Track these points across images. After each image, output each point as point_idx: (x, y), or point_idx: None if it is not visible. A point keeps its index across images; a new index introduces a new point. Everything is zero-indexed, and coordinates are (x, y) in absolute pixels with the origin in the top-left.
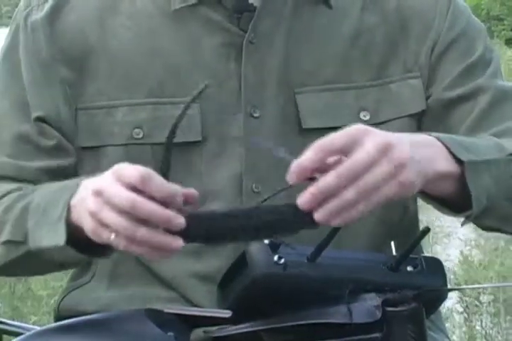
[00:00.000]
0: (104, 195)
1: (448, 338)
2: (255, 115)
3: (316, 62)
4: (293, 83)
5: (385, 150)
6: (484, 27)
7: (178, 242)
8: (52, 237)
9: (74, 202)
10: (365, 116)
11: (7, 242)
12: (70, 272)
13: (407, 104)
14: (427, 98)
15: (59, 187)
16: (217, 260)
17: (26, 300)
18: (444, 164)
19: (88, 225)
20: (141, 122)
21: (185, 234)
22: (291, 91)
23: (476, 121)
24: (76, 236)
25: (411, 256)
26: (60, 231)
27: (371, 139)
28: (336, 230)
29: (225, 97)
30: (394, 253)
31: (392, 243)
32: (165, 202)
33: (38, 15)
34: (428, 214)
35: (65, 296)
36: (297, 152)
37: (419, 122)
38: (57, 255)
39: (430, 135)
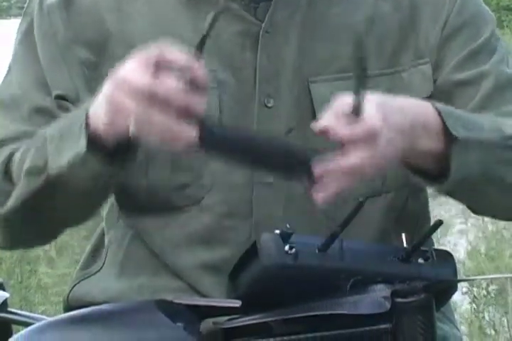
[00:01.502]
0: (122, 82)
1: (457, 329)
2: (269, 105)
3: (330, 52)
4: (307, 72)
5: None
6: (493, 16)
7: (192, 132)
8: (73, 148)
9: (92, 109)
10: None
11: (28, 171)
12: (80, 260)
13: (417, 89)
14: (434, 81)
15: (74, 112)
16: (227, 250)
17: (34, 290)
18: (429, 142)
19: (106, 114)
20: None
21: (199, 142)
22: (305, 80)
23: (478, 106)
24: (97, 147)
25: (422, 248)
26: (82, 140)
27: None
28: (347, 221)
29: (240, 86)
30: (405, 245)
31: (404, 235)
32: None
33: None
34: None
35: (74, 286)
36: (311, 143)
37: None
38: (78, 174)
39: (433, 104)
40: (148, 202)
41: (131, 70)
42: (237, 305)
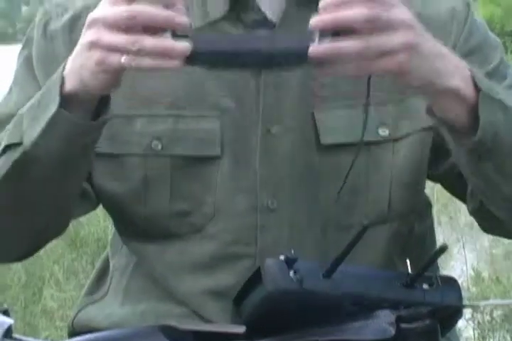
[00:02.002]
0: (99, 20)
1: None
2: (273, 132)
3: (335, 78)
4: (312, 100)
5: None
6: (500, 42)
7: (185, 45)
8: (46, 113)
9: (68, 67)
10: (384, 131)
11: (4, 149)
12: (85, 286)
13: (424, 118)
14: None
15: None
16: (231, 277)
17: (39, 315)
18: (457, 83)
19: (92, 61)
20: (160, 134)
21: (191, 54)
22: (309, 107)
23: None
24: (70, 109)
25: (426, 274)
26: (55, 100)
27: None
28: (350, 246)
29: (244, 113)
30: (409, 270)
31: (408, 261)
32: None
33: (57, 24)
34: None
35: (79, 311)
36: (315, 169)
37: (435, 133)
38: (52, 141)
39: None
40: (148, 230)
41: (103, 9)
42: (242, 330)
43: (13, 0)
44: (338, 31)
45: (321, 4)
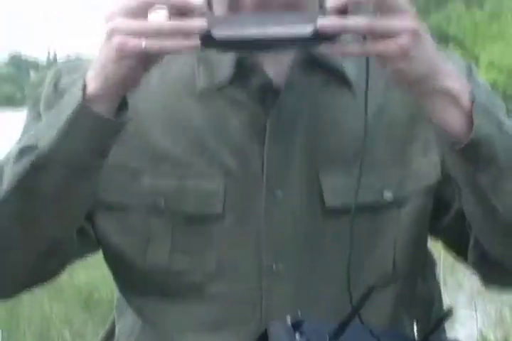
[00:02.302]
0: (116, 11)
1: None
2: (277, 195)
3: (340, 142)
4: (316, 163)
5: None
6: (503, 104)
7: (201, 22)
8: (68, 110)
9: (88, 74)
10: (388, 193)
11: (20, 151)
12: None
13: (426, 177)
14: (443, 169)
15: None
16: (236, 339)
17: None
18: (454, 85)
19: (113, 48)
20: (164, 191)
21: (206, 37)
22: (314, 171)
23: None
24: (89, 113)
25: (432, 338)
26: (77, 100)
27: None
28: (357, 309)
29: (248, 175)
30: (416, 335)
31: (415, 323)
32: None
33: (68, 80)
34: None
35: None
36: (320, 231)
37: (436, 189)
38: (66, 146)
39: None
40: (147, 287)
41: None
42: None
43: (22, 65)
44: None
45: None
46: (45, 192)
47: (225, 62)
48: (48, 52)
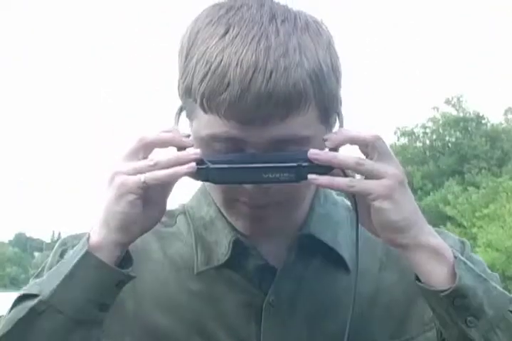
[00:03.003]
0: (117, 159)
1: None
2: None
3: (338, 325)
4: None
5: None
6: (499, 278)
7: (196, 150)
8: (72, 259)
9: (93, 227)
10: None
11: (20, 297)
12: None
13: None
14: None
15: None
16: None
17: None
18: (437, 240)
19: (115, 186)
20: None
21: (202, 170)
22: None
23: None
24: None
25: None
26: (83, 246)
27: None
28: None
29: None
30: None
31: None
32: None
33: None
34: None
35: None
36: None
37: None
38: (69, 291)
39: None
40: None
41: (120, 162)
42: None
43: (26, 246)
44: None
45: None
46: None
47: (221, 243)
48: (52, 233)
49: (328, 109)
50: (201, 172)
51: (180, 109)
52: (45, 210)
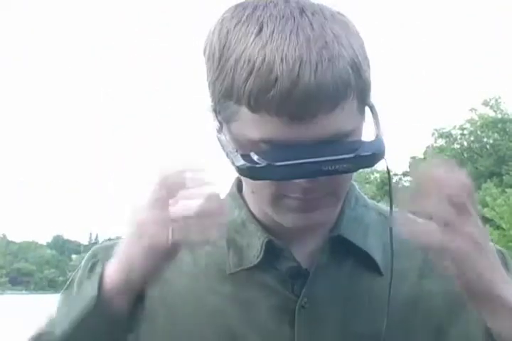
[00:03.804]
0: (143, 205)
1: None
2: None
3: (374, 328)
4: None
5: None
6: None
7: (223, 208)
8: (82, 303)
9: (110, 265)
10: None
11: (37, 337)
12: None
13: None
14: None
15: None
16: None
17: None
18: (509, 294)
19: (143, 241)
20: None
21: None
22: None
23: None
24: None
25: None
26: (93, 286)
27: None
28: None
29: None
30: None
31: None
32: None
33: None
34: None
35: None
36: None
37: None
38: (83, 330)
39: None
40: None
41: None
42: None
43: (64, 248)
44: None
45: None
46: None
47: (254, 245)
48: (90, 235)
49: (365, 98)
50: (265, 170)
51: (215, 112)
52: (81, 212)
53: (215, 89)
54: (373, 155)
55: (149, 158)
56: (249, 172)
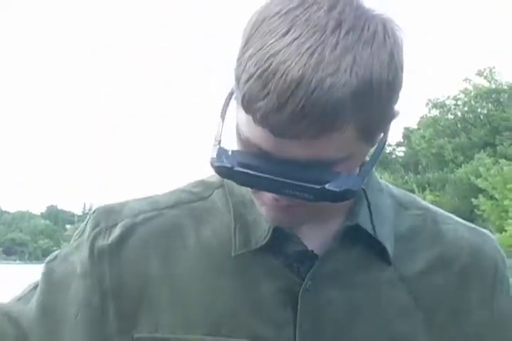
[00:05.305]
0: None
1: None
2: None
3: (380, 316)
4: (350, 332)
5: None
6: None
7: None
8: None
9: None
10: None
11: None
12: None
13: None
14: None
15: None
16: None
17: None
18: None
19: None
20: None
21: (228, 170)
22: (349, 337)
23: None
24: None
25: None
26: None
27: None
28: None
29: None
30: None
31: None
32: None
33: (105, 241)
34: None
35: None
36: None
37: None
38: None
39: None
40: None
41: None
42: None
43: (58, 219)
44: None
45: None
46: None
47: (261, 225)
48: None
49: (371, 128)
50: (227, 172)
51: (232, 93)
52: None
53: (235, 68)
54: (343, 191)
55: (149, 158)
56: (216, 168)
